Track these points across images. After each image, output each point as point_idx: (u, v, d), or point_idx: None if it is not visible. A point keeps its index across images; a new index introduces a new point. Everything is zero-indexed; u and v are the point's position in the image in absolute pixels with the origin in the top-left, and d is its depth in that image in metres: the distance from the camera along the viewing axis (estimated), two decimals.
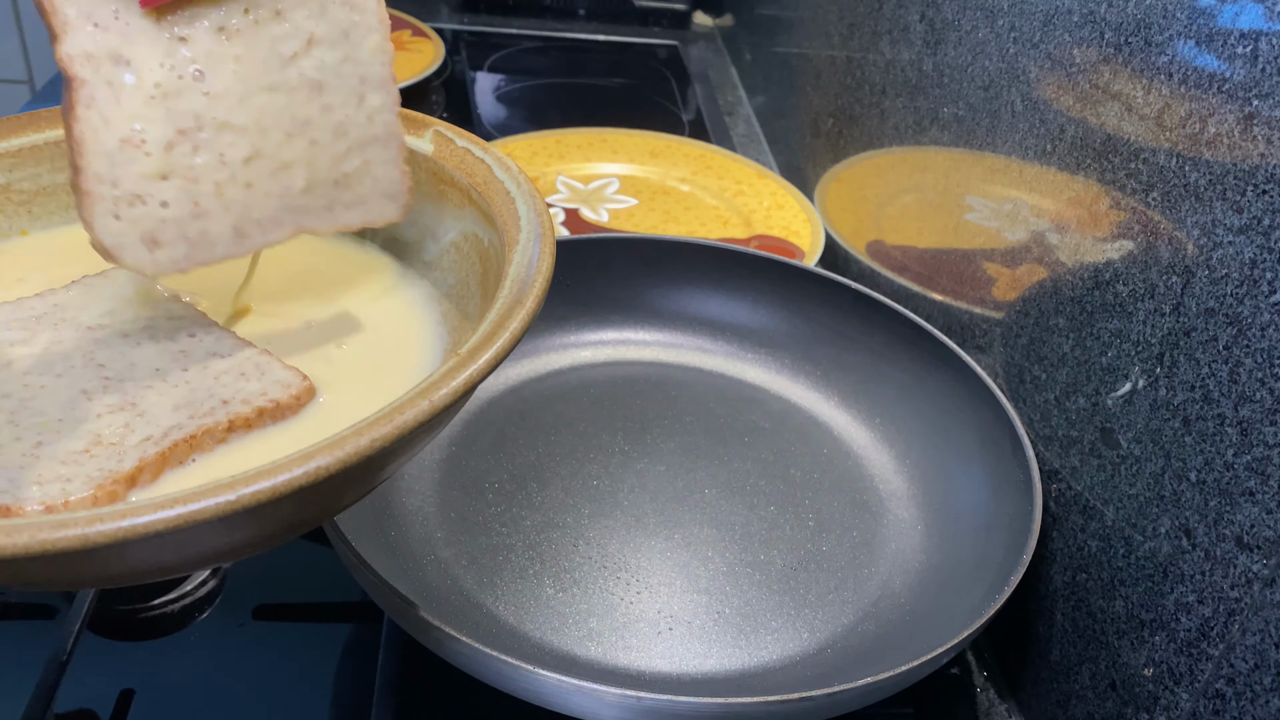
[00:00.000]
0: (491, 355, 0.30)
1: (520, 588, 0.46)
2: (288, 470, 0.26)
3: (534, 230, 0.35)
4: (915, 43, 0.63)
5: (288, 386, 0.34)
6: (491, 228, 0.37)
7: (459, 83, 1.01)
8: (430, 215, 0.41)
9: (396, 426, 0.27)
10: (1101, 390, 0.44)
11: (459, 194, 0.40)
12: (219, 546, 0.29)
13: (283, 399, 0.34)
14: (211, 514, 0.25)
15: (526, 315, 0.32)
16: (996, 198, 0.54)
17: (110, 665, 0.45)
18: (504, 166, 0.38)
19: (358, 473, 0.28)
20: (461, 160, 0.39)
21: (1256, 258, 0.35)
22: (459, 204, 0.40)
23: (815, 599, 0.48)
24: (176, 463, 0.31)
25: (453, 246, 0.40)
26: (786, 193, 0.80)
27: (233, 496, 0.25)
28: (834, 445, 0.56)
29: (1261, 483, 0.35)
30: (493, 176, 0.38)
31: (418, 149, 0.40)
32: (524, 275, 0.33)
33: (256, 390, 0.34)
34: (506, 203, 0.37)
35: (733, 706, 0.37)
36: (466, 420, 0.55)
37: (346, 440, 0.27)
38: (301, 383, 0.35)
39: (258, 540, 0.31)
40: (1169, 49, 0.40)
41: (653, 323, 0.62)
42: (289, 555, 0.51)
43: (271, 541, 0.31)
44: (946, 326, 0.58)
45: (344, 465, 0.27)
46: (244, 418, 0.33)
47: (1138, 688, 0.40)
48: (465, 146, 0.40)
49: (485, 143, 0.40)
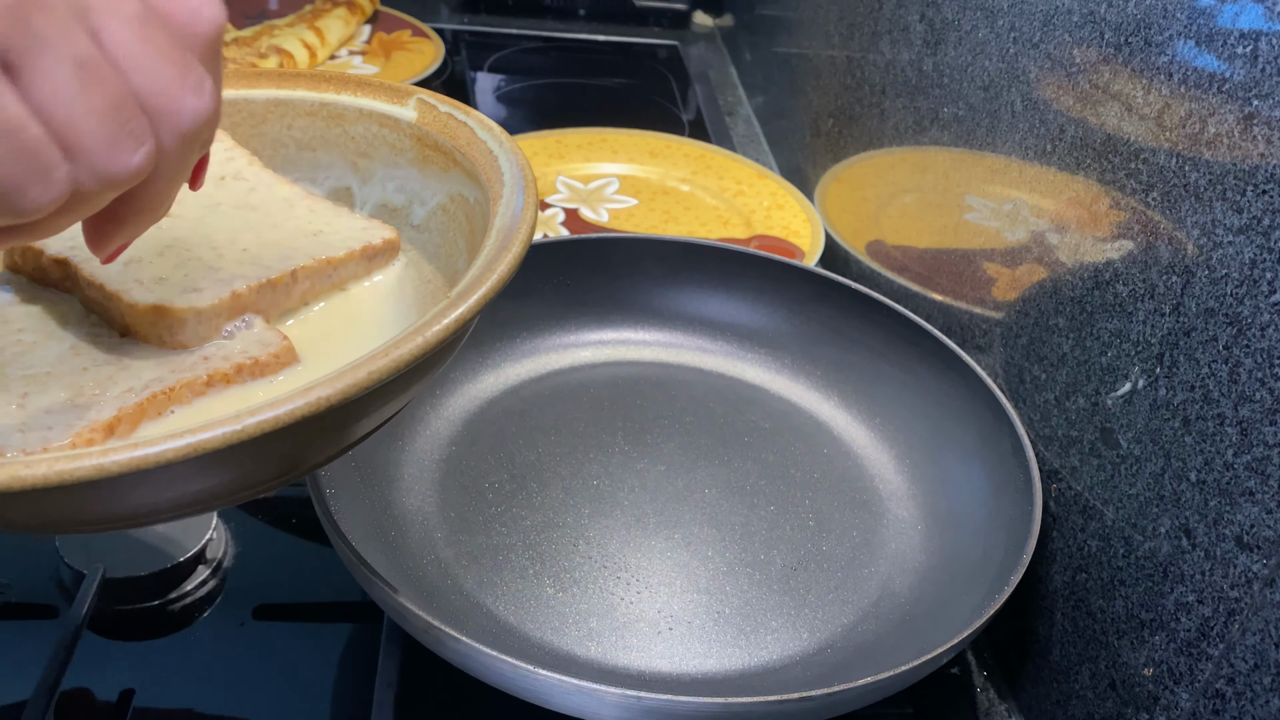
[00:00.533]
0: (481, 295, 0.31)
1: (520, 588, 0.46)
2: (289, 403, 0.27)
3: (517, 182, 0.36)
4: (915, 43, 0.63)
5: (267, 345, 0.35)
6: (477, 185, 0.39)
7: (459, 83, 1.01)
8: (416, 181, 0.42)
9: (393, 360, 0.28)
10: (1101, 390, 0.44)
11: (443, 157, 0.41)
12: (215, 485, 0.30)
13: (262, 357, 0.34)
14: (220, 443, 0.26)
15: (513, 259, 0.33)
16: (996, 198, 0.54)
17: (110, 665, 0.45)
18: (486, 127, 0.40)
19: (357, 407, 0.29)
20: (445, 125, 0.41)
21: (1256, 258, 0.35)
22: (444, 167, 0.41)
23: (815, 599, 0.48)
24: (155, 414, 0.32)
25: (440, 209, 0.41)
26: (786, 193, 0.80)
27: (238, 427, 0.26)
28: (834, 445, 0.56)
29: (1261, 482, 0.35)
30: (475, 137, 0.39)
31: (402, 117, 0.42)
32: (509, 224, 0.35)
33: (238, 348, 0.35)
34: (490, 160, 0.38)
35: (733, 706, 0.37)
36: (466, 420, 0.55)
37: (345, 374, 0.28)
38: (281, 342, 0.35)
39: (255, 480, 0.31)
40: (1169, 49, 0.40)
41: (653, 323, 0.62)
42: (289, 555, 0.51)
43: (267, 484, 0.32)
44: (946, 326, 0.58)
45: (344, 397, 0.27)
46: (223, 373, 0.34)
47: (1137, 687, 0.40)
48: (448, 112, 0.41)
49: (467, 106, 0.41)
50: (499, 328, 0.59)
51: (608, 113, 0.96)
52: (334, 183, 0.44)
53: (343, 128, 0.43)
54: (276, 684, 0.45)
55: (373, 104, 0.43)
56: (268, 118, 0.44)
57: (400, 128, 0.42)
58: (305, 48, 0.93)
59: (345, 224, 0.40)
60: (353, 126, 0.43)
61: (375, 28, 1.04)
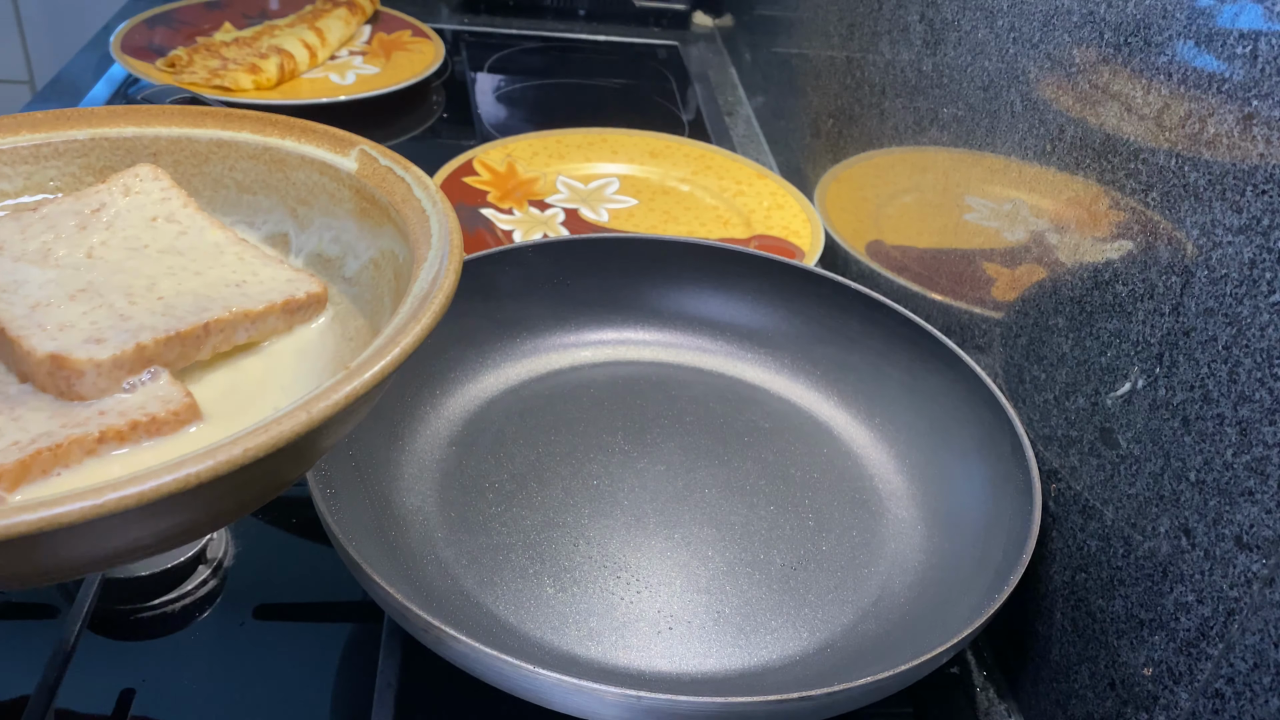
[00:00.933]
0: (379, 370, 0.30)
1: (520, 588, 0.47)
2: (156, 478, 0.26)
3: (442, 248, 0.36)
4: (915, 43, 0.63)
5: (168, 402, 0.33)
6: (406, 244, 0.38)
7: (459, 83, 1.01)
8: (352, 233, 0.42)
9: (272, 437, 0.27)
10: (1101, 390, 0.44)
11: (379, 212, 0.41)
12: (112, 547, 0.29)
13: (160, 414, 0.33)
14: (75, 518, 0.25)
15: (421, 330, 0.32)
16: (996, 198, 0.54)
17: (110, 665, 0.45)
18: (422, 185, 0.40)
19: (236, 480, 0.28)
20: (384, 179, 0.41)
21: (1256, 258, 0.35)
22: (379, 221, 0.41)
23: (815, 599, 0.48)
24: (40, 473, 0.31)
25: (372, 263, 0.41)
26: (786, 193, 0.80)
27: (99, 501, 0.25)
28: (834, 445, 0.56)
29: (1261, 482, 0.35)
30: (411, 195, 0.39)
31: (342, 167, 0.42)
32: (425, 290, 0.34)
33: (136, 404, 0.33)
34: (420, 220, 0.38)
35: (733, 706, 0.37)
36: (466, 420, 0.55)
37: (220, 450, 0.27)
38: (183, 399, 0.33)
39: (142, 544, 0.30)
40: (1169, 49, 0.40)
41: (653, 323, 0.62)
42: (289, 555, 0.51)
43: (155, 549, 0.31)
44: (946, 326, 0.58)
45: (215, 474, 0.26)
46: (116, 430, 0.32)
47: (1137, 687, 0.40)
48: (388, 165, 0.41)
49: (407, 161, 0.41)
50: (499, 328, 0.59)
51: (608, 113, 0.96)
52: (272, 228, 0.44)
53: (284, 173, 0.43)
54: (276, 684, 0.45)
55: (315, 152, 0.43)
56: (210, 158, 0.44)
57: (340, 178, 0.42)
58: (306, 48, 0.93)
59: (271, 274, 0.39)
60: (294, 173, 0.43)
61: (375, 28, 1.04)
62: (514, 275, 0.59)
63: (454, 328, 0.57)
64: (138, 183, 0.41)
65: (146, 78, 0.86)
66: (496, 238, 0.73)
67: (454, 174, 0.78)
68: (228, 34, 0.96)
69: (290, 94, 0.89)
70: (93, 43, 1.00)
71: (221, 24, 0.99)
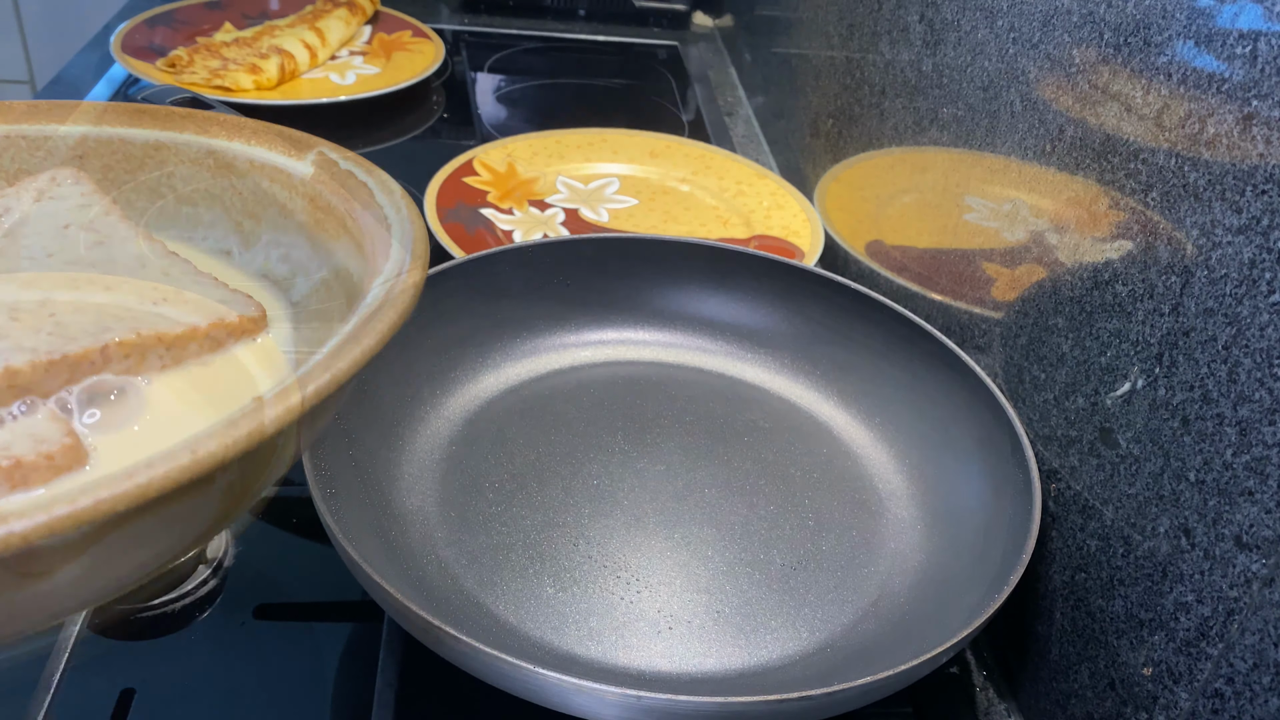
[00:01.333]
0: (290, 406, 0.24)
1: (520, 587, 0.47)
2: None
3: (400, 264, 0.32)
4: (915, 43, 0.63)
5: (42, 443, 0.27)
6: (362, 258, 0.34)
7: (459, 83, 1.01)
8: (303, 249, 0.38)
9: (138, 486, 0.22)
10: (1100, 390, 0.44)
11: (335, 222, 0.37)
12: None
13: (29, 458, 0.26)
14: None
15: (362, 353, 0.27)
16: (996, 198, 0.54)
17: (110, 665, 0.45)
18: (387, 191, 0.35)
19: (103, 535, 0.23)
20: (344, 183, 0.37)
21: (1255, 258, 0.35)
22: (334, 234, 0.37)
23: (815, 598, 0.48)
24: None
25: (323, 284, 0.37)
26: (786, 193, 0.80)
27: None
28: (834, 445, 0.56)
29: (1260, 482, 0.35)
30: (373, 201, 0.35)
31: (296, 172, 0.38)
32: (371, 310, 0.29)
33: (0, 444, 0.27)
34: (381, 230, 0.33)
35: (732, 705, 0.37)
36: (466, 420, 0.55)
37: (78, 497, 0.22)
38: (63, 440, 0.28)
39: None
40: (1168, 49, 0.40)
41: (653, 323, 0.62)
42: (289, 555, 0.51)
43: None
44: (946, 326, 0.58)
45: (76, 524, 0.22)
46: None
47: (1137, 687, 0.40)
48: (349, 169, 0.37)
49: (370, 164, 0.37)
50: (499, 328, 0.59)
51: (608, 113, 0.96)
52: (213, 244, 0.39)
53: (230, 180, 0.39)
54: (276, 684, 0.45)
55: (267, 155, 0.38)
56: (146, 163, 0.39)
57: (293, 185, 0.37)
58: (306, 48, 0.93)
59: (203, 293, 0.34)
60: (241, 180, 0.39)
61: (376, 28, 1.04)
62: (514, 275, 0.59)
63: (454, 328, 0.57)
64: (54, 187, 0.36)
65: (147, 78, 0.86)
66: (496, 238, 0.73)
67: (454, 174, 0.78)
68: (228, 34, 0.96)
69: (290, 94, 0.89)
70: (93, 43, 1.00)
71: (222, 24, 0.99)
